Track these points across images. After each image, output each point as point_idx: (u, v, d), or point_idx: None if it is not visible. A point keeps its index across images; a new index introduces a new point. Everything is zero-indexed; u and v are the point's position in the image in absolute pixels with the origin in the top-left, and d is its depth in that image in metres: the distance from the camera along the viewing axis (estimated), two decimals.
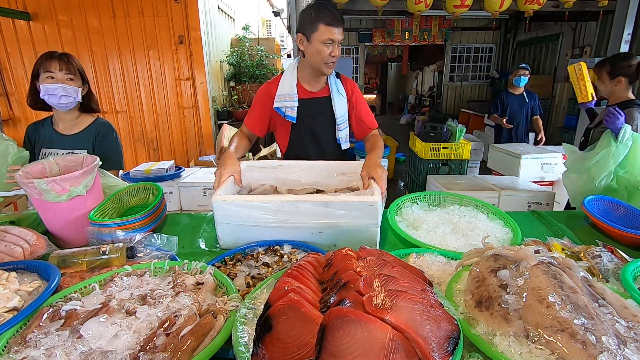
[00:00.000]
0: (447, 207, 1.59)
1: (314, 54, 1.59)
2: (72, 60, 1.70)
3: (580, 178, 1.84)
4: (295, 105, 1.69)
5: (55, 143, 1.77)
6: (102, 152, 1.81)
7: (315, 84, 1.76)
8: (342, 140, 1.81)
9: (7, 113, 4.56)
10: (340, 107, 1.76)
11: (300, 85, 1.73)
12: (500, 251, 0.91)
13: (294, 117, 1.70)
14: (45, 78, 1.63)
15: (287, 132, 1.80)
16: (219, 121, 5.17)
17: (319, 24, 1.52)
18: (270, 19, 9.82)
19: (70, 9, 4.33)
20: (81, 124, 1.82)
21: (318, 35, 1.54)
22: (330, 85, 1.76)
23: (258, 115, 1.77)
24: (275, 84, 1.74)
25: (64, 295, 0.93)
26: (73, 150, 1.76)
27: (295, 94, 1.69)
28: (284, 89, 1.70)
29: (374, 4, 4.06)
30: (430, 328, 0.65)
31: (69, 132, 1.79)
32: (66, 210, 1.31)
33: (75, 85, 1.69)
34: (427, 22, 8.02)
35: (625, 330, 0.70)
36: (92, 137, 1.81)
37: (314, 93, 1.76)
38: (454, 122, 3.91)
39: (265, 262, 1.21)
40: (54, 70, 1.63)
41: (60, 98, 1.65)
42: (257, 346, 0.66)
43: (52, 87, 1.63)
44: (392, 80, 16.68)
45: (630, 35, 4.28)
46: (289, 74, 1.72)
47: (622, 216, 1.51)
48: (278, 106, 1.69)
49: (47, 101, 1.66)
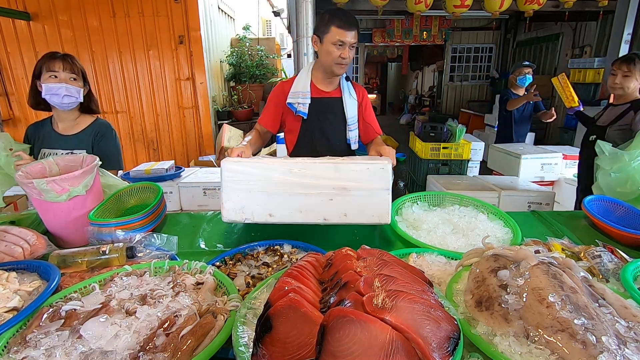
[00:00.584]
0: (447, 207, 1.59)
1: (326, 55, 1.66)
2: (75, 61, 1.71)
3: (620, 178, 1.71)
4: (308, 102, 1.75)
5: (55, 143, 1.77)
6: (101, 153, 1.81)
7: (328, 84, 1.82)
8: (352, 140, 1.87)
9: (7, 113, 4.56)
10: (351, 109, 1.84)
11: (314, 85, 1.80)
12: (500, 251, 0.91)
13: (306, 113, 1.76)
14: (48, 77, 1.63)
15: (297, 128, 1.85)
16: (219, 121, 5.17)
17: (331, 26, 1.60)
18: (270, 19, 9.82)
19: (70, 9, 4.33)
20: (81, 124, 1.82)
21: (330, 37, 1.62)
22: (342, 87, 1.83)
23: (272, 112, 1.83)
24: (289, 83, 1.81)
25: (64, 295, 0.93)
26: (72, 150, 1.76)
27: (308, 91, 1.75)
28: (298, 86, 1.76)
29: (374, 4, 4.06)
30: (430, 328, 0.65)
31: (69, 132, 1.79)
32: (66, 210, 1.31)
33: (77, 85, 1.70)
34: (427, 22, 8.02)
35: (626, 330, 0.70)
36: (91, 137, 1.81)
37: (327, 93, 1.82)
38: (454, 122, 3.90)
39: (265, 262, 1.21)
40: (58, 69, 1.64)
41: (63, 98, 1.65)
42: (257, 346, 0.66)
43: (55, 86, 1.63)
44: (392, 80, 16.67)
45: (630, 35, 4.28)
46: (304, 74, 1.80)
47: (622, 216, 1.51)
48: (291, 102, 1.75)
49: (49, 100, 1.67)
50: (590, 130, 2.50)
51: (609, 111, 2.42)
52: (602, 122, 2.39)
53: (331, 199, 1.23)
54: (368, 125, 1.90)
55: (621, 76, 2.26)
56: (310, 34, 3.49)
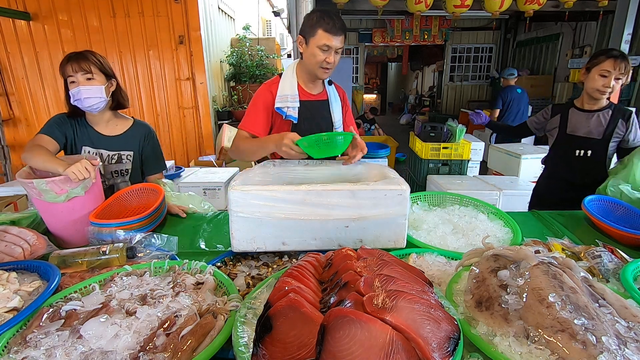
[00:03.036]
0: (447, 207, 1.59)
1: (310, 57, 1.61)
2: (88, 57, 1.58)
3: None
4: (297, 105, 1.69)
5: (98, 143, 1.68)
6: (150, 154, 1.80)
7: (313, 87, 1.78)
8: None
9: (7, 113, 4.56)
10: (337, 112, 1.81)
11: (300, 87, 1.75)
12: (500, 251, 0.91)
13: (296, 117, 1.70)
14: (70, 83, 1.56)
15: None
16: (219, 121, 5.17)
17: (318, 29, 1.55)
18: (270, 19, 9.83)
19: (70, 9, 4.33)
20: (120, 125, 1.75)
21: (315, 40, 1.57)
22: (327, 90, 1.80)
23: (262, 117, 1.73)
24: (275, 84, 1.74)
25: (64, 295, 0.93)
26: (119, 151, 1.71)
27: (296, 94, 1.70)
28: (285, 89, 1.70)
29: (374, 4, 4.06)
30: (430, 328, 0.65)
31: (112, 133, 1.71)
32: (65, 210, 1.31)
33: (96, 83, 1.57)
34: (427, 22, 8.01)
35: (626, 330, 0.70)
36: (139, 139, 1.76)
37: (314, 96, 1.78)
38: (454, 122, 3.90)
39: (265, 262, 1.21)
40: (72, 73, 1.54)
41: (84, 101, 1.55)
42: (257, 346, 0.66)
43: (74, 91, 1.55)
44: (392, 80, 16.68)
45: (630, 35, 4.28)
46: (289, 74, 1.74)
47: (622, 216, 1.51)
48: (279, 106, 1.69)
49: (80, 106, 1.58)
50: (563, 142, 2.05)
51: (581, 117, 2.00)
52: (586, 133, 1.97)
53: (347, 226, 1.18)
54: (349, 128, 1.83)
55: (614, 78, 1.82)
56: None
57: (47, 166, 1.34)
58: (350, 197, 1.15)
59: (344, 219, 1.17)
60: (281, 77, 1.74)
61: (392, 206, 1.17)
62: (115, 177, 1.72)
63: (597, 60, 1.88)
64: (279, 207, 1.14)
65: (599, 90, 1.87)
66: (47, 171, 1.34)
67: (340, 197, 1.14)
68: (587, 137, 1.98)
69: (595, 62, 1.89)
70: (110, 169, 1.70)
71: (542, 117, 2.19)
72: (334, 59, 1.60)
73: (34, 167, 1.38)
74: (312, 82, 1.76)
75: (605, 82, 1.84)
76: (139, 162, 1.78)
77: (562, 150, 2.08)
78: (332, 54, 1.59)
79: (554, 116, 2.12)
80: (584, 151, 2.00)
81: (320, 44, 1.56)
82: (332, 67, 1.63)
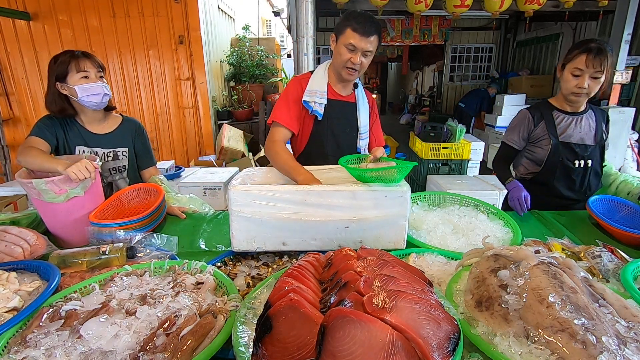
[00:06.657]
0: (447, 207, 1.59)
1: (337, 56, 1.61)
2: (92, 55, 1.64)
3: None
4: (324, 102, 1.69)
5: (92, 142, 1.68)
6: (142, 149, 1.82)
7: (342, 88, 1.77)
8: (362, 149, 1.83)
9: (7, 113, 4.56)
10: (364, 117, 1.79)
11: (330, 86, 1.74)
12: (500, 251, 0.91)
13: (321, 113, 1.69)
14: (79, 78, 1.54)
15: (309, 129, 1.77)
16: (219, 121, 5.17)
17: (347, 28, 1.54)
18: (270, 19, 9.82)
19: (70, 9, 4.33)
20: (110, 122, 1.76)
21: (343, 39, 1.56)
22: (356, 94, 1.79)
23: (294, 110, 1.71)
24: (306, 79, 1.73)
25: (64, 295, 0.93)
26: (114, 149, 1.72)
27: (325, 91, 1.69)
28: (315, 85, 1.69)
29: (374, 4, 4.06)
30: (430, 328, 0.65)
31: (104, 131, 1.72)
32: (65, 210, 1.31)
33: (106, 81, 1.64)
34: (427, 22, 8.01)
35: (626, 330, 0.70)
36: (131, 134, 1.78)
37: (342, 97, 1.77)
38: (454, 122, 3.91)
39: (265, 262, 1.21)
40: (88, 69, 1.56)
41: (103, 97, 1.60)
42: (257, 346, 0.66)
43: (94, 86, 1.56)
44: (392, 80, 16.67)
45: (630, 35, 4.28)
46: (321, 72, 1.73)
47: (626, 216, 1.50)
48: (307, 100, 1.68)
49: (87, 101, 1.58)
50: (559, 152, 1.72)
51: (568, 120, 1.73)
52: (580, 140, 1.72)
53: (347, 227, 1.18)
54: (374, 136, 1.88)
55: (590, 77, 1.56)
56: (311, 34, 3.48)
57: (44, 166, 1.34)
58: (351, 197, 1.15)
59: (345, 220, 1.17)
60: (312, 73, 1.75)
61: (392, 207, 1.17)
62: (113, 174, 1.73)
63: (571, 56, 1.61)
64: (279, 207, 1.14)
65: (573, 93, 1.62)
66: (45, 171, 1.34)
67: (340, 198, 1.15)
68: (582, 144, 1.71)
69: (569, 57, 1.62)
70: (108, 166, 1.71)
71: (526, 128, 1.78)
72: (360, 61, 1.57)
73: (31, 168, 1.38)
74: (341, 83, 1.75)
75: (579, 82, 1.58)
76: (134, 157, 1.80)
77: (560, 163, 1.73)
78: (358, 55, 1.56)
79: (538, 123, 1.76)
80: (584, 161, 1.71)
81: (347, 42, 1.54)
82: (357, 69, 1.61)
